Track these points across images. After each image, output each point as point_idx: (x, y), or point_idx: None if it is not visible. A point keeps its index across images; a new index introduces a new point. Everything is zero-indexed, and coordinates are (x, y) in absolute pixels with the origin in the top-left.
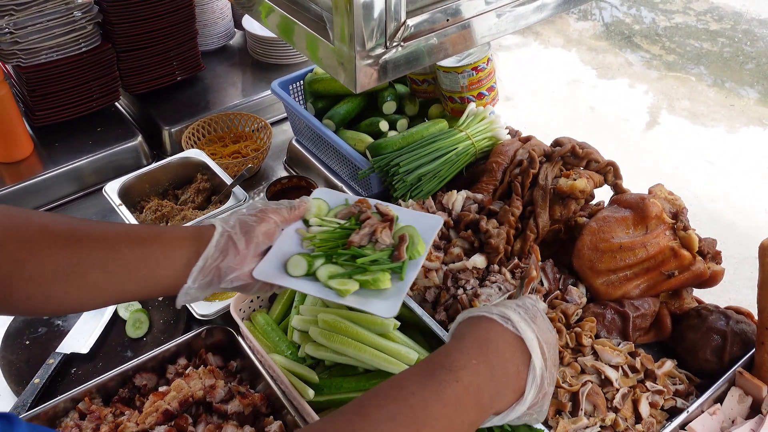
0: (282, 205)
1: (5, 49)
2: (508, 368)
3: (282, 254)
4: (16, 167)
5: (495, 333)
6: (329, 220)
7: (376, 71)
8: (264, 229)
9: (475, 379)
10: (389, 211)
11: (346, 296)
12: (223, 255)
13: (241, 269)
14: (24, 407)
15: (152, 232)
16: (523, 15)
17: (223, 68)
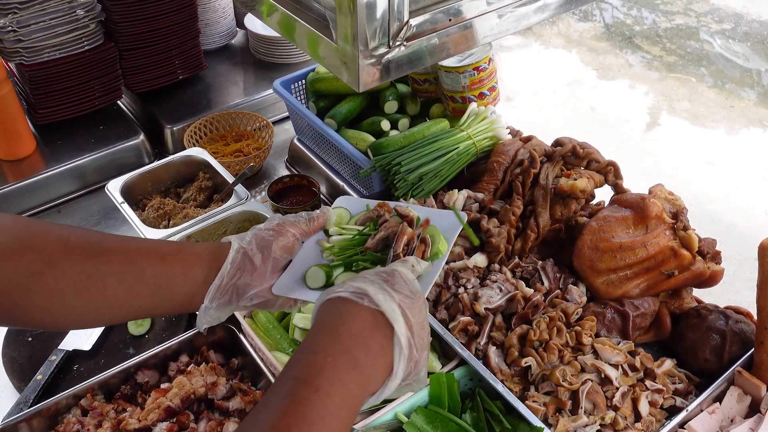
0: (300, 218)
1: (8, 47)
2: (371, 348)
3: (302, 267)
4: (18, 165)
5: (350, 314)
6: (349, 228)
7: (378, 70)
8: (282, 244)
9: (335, 378)
10: (409, 212)
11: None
12: (240, 272)
13: (261, 286)
14: (26, 403)
15: (172, 248)
16: (525, 15)
17: (224, 67)
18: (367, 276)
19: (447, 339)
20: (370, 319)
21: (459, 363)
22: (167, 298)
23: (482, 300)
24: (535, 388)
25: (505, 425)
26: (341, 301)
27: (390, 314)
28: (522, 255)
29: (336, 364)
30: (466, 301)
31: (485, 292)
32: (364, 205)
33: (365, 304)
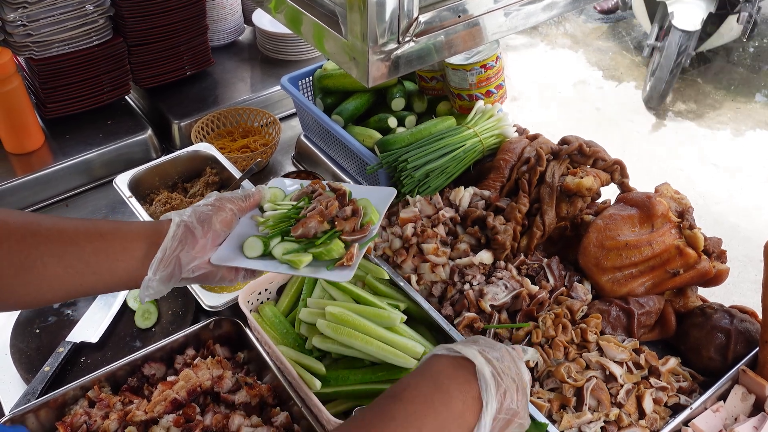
0: (237, 194)
1: (18, 42)
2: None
3: (239, 239)
4: (27, 158)
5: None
6: (284, 204)
7: (387, 66)
8: (221, 218)
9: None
10: (341, 186)
11: (300, 267)
12: (182, 245)
13: (202, 257)
14: (34, 395)
15: (110, 226)
16: (533, 13)
17: (232, 63)
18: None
19: (452, 335)
20: (452, 361)
21: None
22: (108, 275)
23: (488, 297)
24: (540, 385)
25: None
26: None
27: (470, 355)
28: (527, 252)
29: (418, 384)
30: (472, 297)
31: (490, 289)
32: (298, 185)
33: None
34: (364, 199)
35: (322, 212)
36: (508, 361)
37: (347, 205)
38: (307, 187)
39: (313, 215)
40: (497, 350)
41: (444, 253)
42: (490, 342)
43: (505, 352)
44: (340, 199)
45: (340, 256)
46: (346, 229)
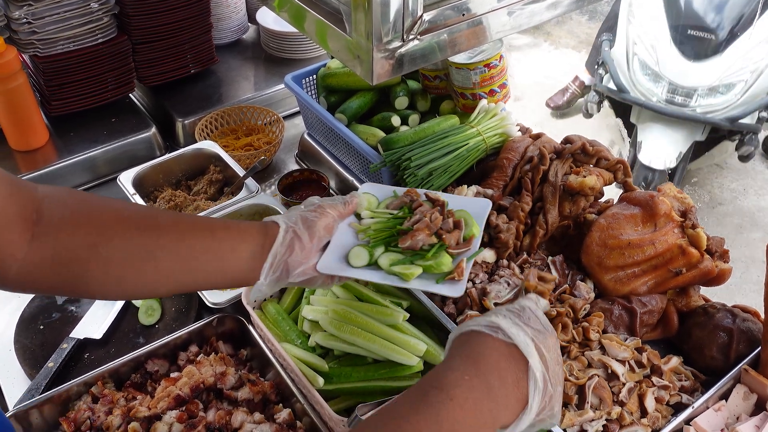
0: (337, 201)
1: (23, 39)
2: (506, 379)
3: (341, 247)
4: (32, 156)
5: (486, 346)
6: (381, 212)
7: (392, 64)
8: (324, 224)
9: (470, 395)
10: (438, 197)
11: (410, 280)
12: (290, 250)
13: (307, 263)
14: (38, 390)
15: (222, 225)
16: (537, 12)
17: (236, 62)
18: (498, 311)
19: None
20: (505, 351)
21: None
22: (216, 274)
23: (491, 295)
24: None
25: None
26: (476, 334)
27: (524, 347)
28: (530, 251)
29: (472, 384)
30: (475, 295)
31: (493, 287)
32: (390, 191)
33: (500, 337)
34: (463, 210)
35: (429, 225)
36: (554, 353)
37: (447, 216)
38: (404, 196)
39: (421, 228)
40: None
41: None
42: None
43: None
44: (440, 210)
45: (449, 269)
46: (451, 243)
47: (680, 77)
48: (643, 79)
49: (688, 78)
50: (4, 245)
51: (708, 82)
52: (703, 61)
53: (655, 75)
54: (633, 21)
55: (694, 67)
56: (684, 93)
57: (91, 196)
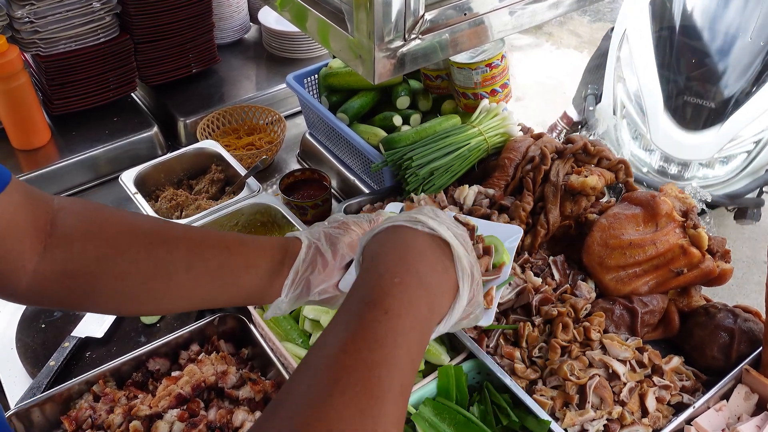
0: (362, 219)
1: (25, 38)
2: (436, 267)
3: None
4: (33, 155)
5: (410, 236)
6: None
7: (393, 64)
8: (348, 241)
9: (405, 297)
10: (469, 221)
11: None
12: (312, 267)
13: (329, 281)
14: (39, 389)
15: (237, 239)
16: (539, 11)
17: (238, 61)
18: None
19: (455, 332)
20: (429, 241)
21: (467, 356)
22: (231, 290)
23: None
24: (543, 382)
25: (513, 418)
26: (397, 228)
27: (447, 236)
28: (531, 251)
29: (404, 283)
30: None
31: None
32: None
33: (419, 228)
34: (493, 236)
35: None
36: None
37: (476, 242)
38: None
39: None
40: (460, 228)
41: None
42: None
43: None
44: (470, 234)
45: None
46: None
47: (674, 149)
48: (633, 145)
49: (683, 150)
50: (16, 256)
51: (706, 155)
52: (701, 131)
53: (647, 143)
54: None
55: (690, 137)
56: (679, 163)
57: (105, 207)
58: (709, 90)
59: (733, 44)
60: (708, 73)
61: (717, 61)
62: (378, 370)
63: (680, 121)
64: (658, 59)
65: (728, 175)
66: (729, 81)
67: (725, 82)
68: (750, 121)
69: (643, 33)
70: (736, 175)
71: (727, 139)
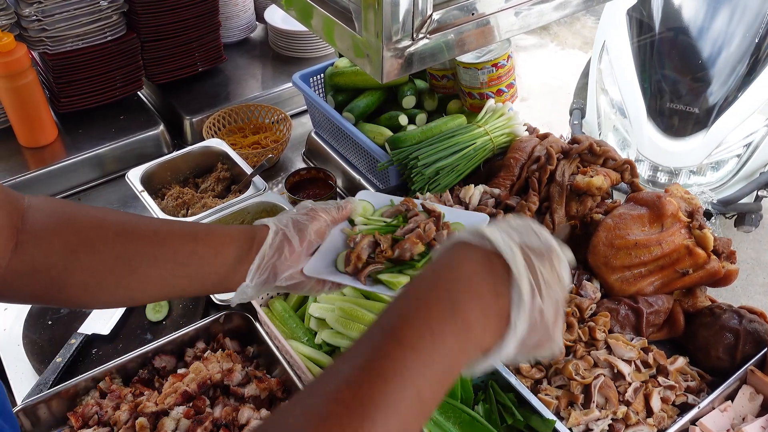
0: (330, 205)
1: (33, 36)
2: (481, 292)
3: (331, 252)
4: (40, 152)
5: (457, 257)
6: (375, 219)
7: (401, 63)
8: (316, 227)
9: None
10: (435, 207)
11: (397, 289)
12: (279, 253)
13: (296, 267)
14: (46, 385)
15: (204, 229)
16: (545, 12)
17: (244, 60)
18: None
19: None
20: (483, 261)
21: None
22: (199, 279)
23: None
24: (548, 382)
25: (517, 417)
26: (452, 247)
27: (507, 252)
28: None
29: (429, 311)
30: None
31: None
32: (387, 200)
33: (477, 243)
34: (458, 223)
35: (420, 235)
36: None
37: (442, 228)
38: (400, 205)
39: (410, 237)
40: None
41: None
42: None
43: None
44: (435, 221)
45: None
46: None
47: (662, 157)
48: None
49: (670, 158)
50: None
51: (694, 161)
52: (687, 138)
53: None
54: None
55: (677, 145)
56: (668, 171)
57: (74, 204)
58: (692, 96)
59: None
60: (691, 79)
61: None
62: (373, 412)
63: (665, 128)
64: (638, 68)
65: (720, 180)
66: (713, 86)
67: (709, 87)
68: (736, 125)
69: (622, 43)
70: (728, 180)
71: (714, 144)
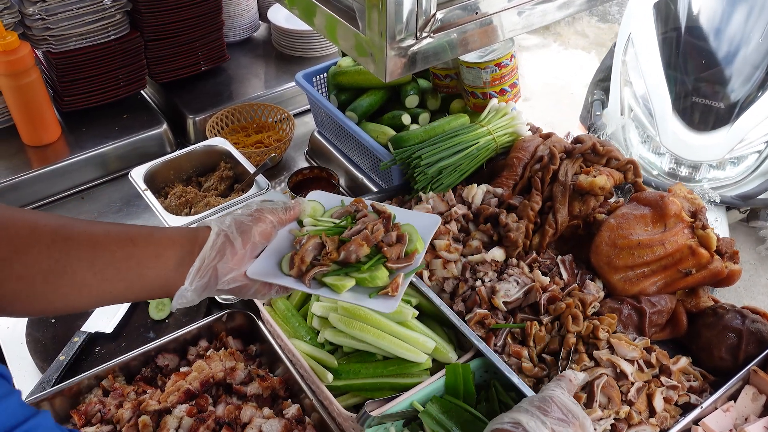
0: (278, 206)
1: (37, 35)
2: None
3: (277, 254)
4: (43, 151)
5: None
6: (324, 221)
7: (405, 62)
8: (260, 229)
9: None
10: (385, 209)
11: (342, 292)
12: (220, 255)
13: (239, 269)
14: (49, 383)
15: (143, 232)
16: (549, 11)
17: (247, 59)
18: (523, 406)
19: (463, 330)
20: None
21: (475, 354)
22: (138, 283)
23: (500, 294)
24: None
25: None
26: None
27: None
28: (539, 250)
29: None
30: (484, 294)
31: (503, 285)
32: (338, 201)
33: None
34: (409, 225)
35: (367, 237)
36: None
37: (392, 230)
38: (349, 206)
39: (356, 239)
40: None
41: (456, 249)
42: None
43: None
44: (385, 222)
45: (384, 284)
46: (392, 257)
47: (684, 151)
48: (642, 149)
49: (693, 151)
50: None
51: (716, 155)
52: (710, 132)
53: (656, 146)
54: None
55: (700, 139)
56: (689, 165)
57: (4, 208)
58: (717, 91)
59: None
60: (716, 74)
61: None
62: None
63: (689, 122)
64: (664, 61)
65: (740, 176)
66: (737, 81)
67: (733, 82)
68: (760, 121)
69: (649, 36)
70: (748, 176)
71: (737, 139)
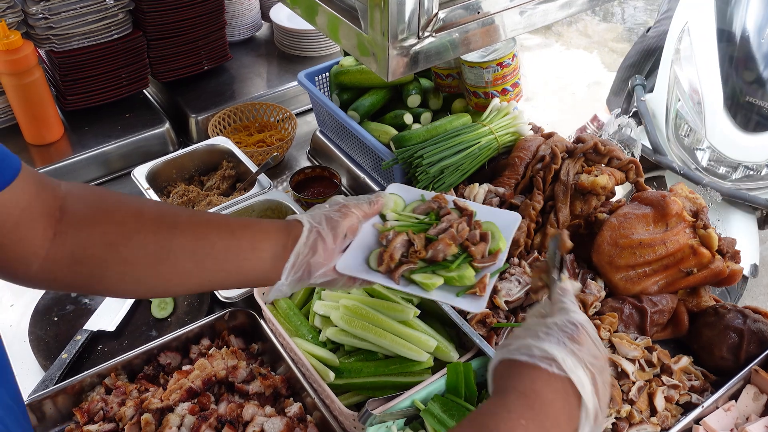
0: (362, 200)
1: (40, 34)
2: (559, 419)
3: (363, 249)
4: (46, 150)
5: (540, 382)
6: (407, 215)
7: (407, 61)
8: (348, 224)
9: None
10: (467, 206)
11: (431, 290)
12: (313, 251)
13: (329, 264)
14: (52, 381)
15: (242, 223)
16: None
17: (249, 59)
18: (551, 332)
19: (465, 329)
20: (559, 388)
21: (476, 353)
22: (236, 273)
23: (502, 293)
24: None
25: None
26: (529, 368)
27: (579, 384)
28: (541, 250)
29: (528, 429)
30: None
31: (504, 285)
32: (418, 194)
33: (554, 371)
34: (491, 222)
35: (454, 236)
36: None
37: (474, 227)
38: (432, 202)
39: (443, 238)
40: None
41: None
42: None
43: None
44: (467, 220)
45: (470, 283)
46: (477, 256)
47: (728, 148)
48: (683, 141)
49: (737, 150)
50: (29, 243)
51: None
52: (757, 134)
53: (698, 140)
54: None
55: (748, 139)
56: (728, 164)
57: (111, 193)
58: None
59: None
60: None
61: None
62: None
63: (739, 121)
64: (720, 56)
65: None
66: None
67: None
68: None
69: (708, 28)
70: None
71: None
